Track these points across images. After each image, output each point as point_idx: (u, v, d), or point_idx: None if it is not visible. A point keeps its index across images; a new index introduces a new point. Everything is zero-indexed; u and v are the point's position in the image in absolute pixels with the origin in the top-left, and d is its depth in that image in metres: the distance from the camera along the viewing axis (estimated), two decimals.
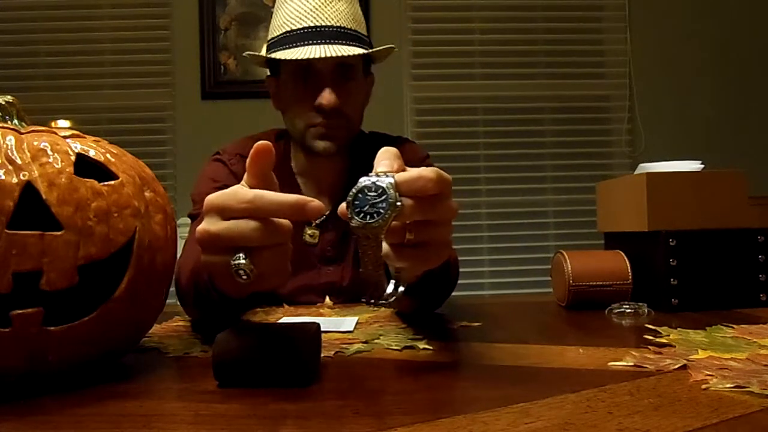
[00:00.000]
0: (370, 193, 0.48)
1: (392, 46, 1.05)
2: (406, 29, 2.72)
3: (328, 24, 0.96)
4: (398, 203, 0.47)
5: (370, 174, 0.49)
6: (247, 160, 0.51)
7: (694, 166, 0.95)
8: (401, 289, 0.52)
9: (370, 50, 1.01)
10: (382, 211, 0.47)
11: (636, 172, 0.99)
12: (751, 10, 2.80)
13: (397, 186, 0.47)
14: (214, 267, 0.52)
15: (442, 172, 0.49)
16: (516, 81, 2.76)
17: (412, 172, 0.48)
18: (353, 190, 0.48)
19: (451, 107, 2.74)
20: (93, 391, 0.47)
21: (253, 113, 2.46)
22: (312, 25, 0.96)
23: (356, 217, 0.48)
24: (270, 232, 0.49)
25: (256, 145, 0.51)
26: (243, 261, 0.48)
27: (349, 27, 0.99)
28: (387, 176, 0.48)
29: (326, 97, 0.97)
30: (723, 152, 2.55)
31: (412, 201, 0.48)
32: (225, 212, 0.49)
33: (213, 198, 0.50)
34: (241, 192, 0.50)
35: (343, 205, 0.49)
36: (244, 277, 0.49)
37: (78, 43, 2.65)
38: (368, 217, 0.47)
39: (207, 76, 2.66)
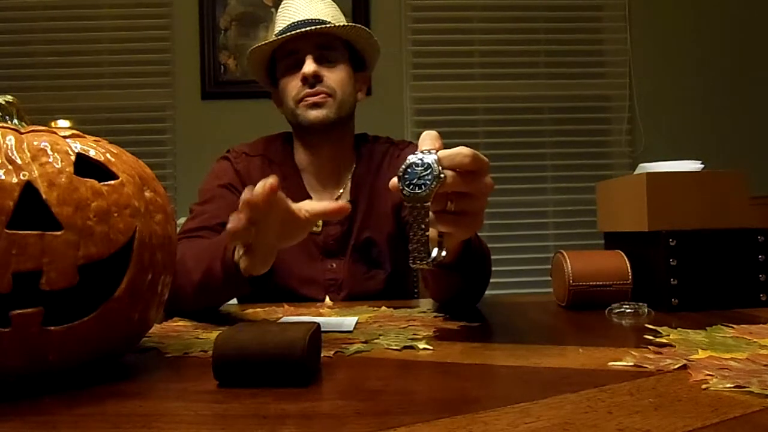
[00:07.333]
0: (417, 168, 0.57)
1: (362, 27, 1.12)
2: (406, 29, 2.72)
3: (308, 18, 1.09)
4: (441, 175, 0.56)
5: (416, 152, 0.58)
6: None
7: (694, 166, 0.95)
8: (444, 253, 0.63)
9: (337, 24, 1.10)
10: (428, 182, 0.56)
11: (636, 172, 0.99)
12: (751, 9, 2.80)
13: (440, 161, 0.56)
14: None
15: (478, 153, 0.58)
16: (516, 81, 2.76)
17: (453, 150, 0.58)
18: (403, 166, 0.58)
19: (451, 107, 2.73)
20: (93, 391, 0.47)
21: (253, 113, 2.47)
22: (295, 20, 1.09)
23: (406, 188, 0.57)
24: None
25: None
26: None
27: (326, 20, 1.10)
28: (431, 153, 0.57)
29: (306, 65, 1.08)
30: (723, 152, 2.55)
31: (453, 173, 0.57)
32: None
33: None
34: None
35: (395, 179, 0.58)
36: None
37: (78, 43, 2.65)
38: (416, 188, 0.57)
39: (207, 76, 2.66)
